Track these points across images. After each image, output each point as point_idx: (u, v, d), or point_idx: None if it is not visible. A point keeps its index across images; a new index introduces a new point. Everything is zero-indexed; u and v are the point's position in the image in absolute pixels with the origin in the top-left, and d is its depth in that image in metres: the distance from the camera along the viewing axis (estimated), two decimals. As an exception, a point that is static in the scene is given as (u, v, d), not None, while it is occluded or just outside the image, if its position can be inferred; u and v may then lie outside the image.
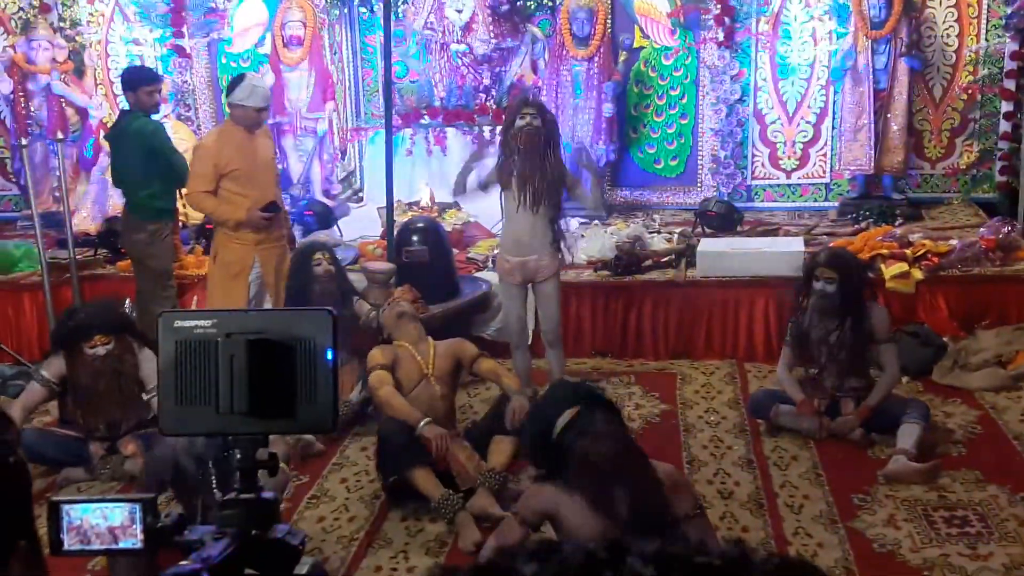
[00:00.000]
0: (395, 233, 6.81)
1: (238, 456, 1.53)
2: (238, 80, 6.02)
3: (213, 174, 5.87)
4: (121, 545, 1.48)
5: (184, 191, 6.18)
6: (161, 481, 3.82)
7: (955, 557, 4.17)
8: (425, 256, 6.58)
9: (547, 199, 5.41)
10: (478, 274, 7.12)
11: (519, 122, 5.39)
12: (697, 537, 3.38)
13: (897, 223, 7.56)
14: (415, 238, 6.68)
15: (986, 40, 8.15)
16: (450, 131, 8.92)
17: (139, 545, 1.48)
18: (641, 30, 8.63)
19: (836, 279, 5.28)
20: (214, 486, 3.34)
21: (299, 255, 6.11)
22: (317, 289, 5.87)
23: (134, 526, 1.48)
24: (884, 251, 6.74)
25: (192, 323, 1.52)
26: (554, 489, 3.41)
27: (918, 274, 6.57)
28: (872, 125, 7.85)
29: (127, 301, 6.46)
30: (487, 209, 7.72)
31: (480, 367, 5.17)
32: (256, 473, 1.54)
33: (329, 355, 1.50)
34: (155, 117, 6.76)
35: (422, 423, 4.71)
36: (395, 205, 7.19)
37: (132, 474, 5.07)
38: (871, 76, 7.83)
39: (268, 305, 6.01)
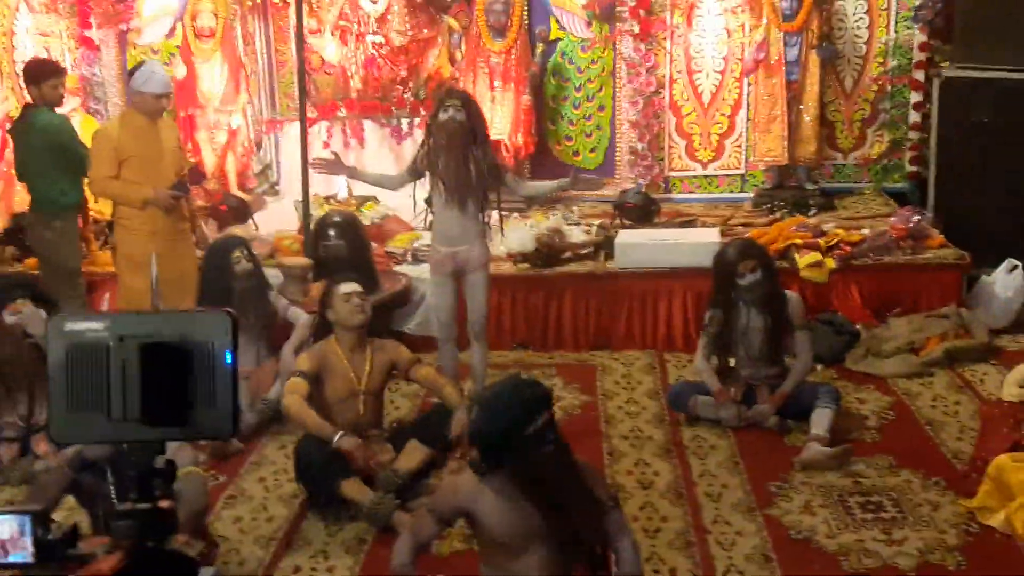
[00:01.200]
0: (312, 227, 6.73)
1: (132, 464, 1.47)
2: (138, 66, 6.09)
3: (114, 158, 5.82)
4: (11, 559, 1.42)
5: (87, 179, 6.04)
6: (65, 486, 3.73)
7: (870, 542, 4.24)
8: (343, 250, 6.50)
9: (472, 193, 5.38)
10: (397, 268, 7.06)
11: (442, 115, 5.32)
12: (611, 531, 3.39)
13: (811, 213, 7.68)
14: (332, 232, 6.60)
15: (895, 31, 8.28)
16: (367, 123, 8.82)
17: (30, 559, 1.42)
18: (557, 21, 8.62)
19: (759, 267, 5.34)
20: (111, 495, 3.26)
21: (217, 252, 5.97)
22: (236, 288, 5.73)
23: (24, 538, 1.41)
24: (798, 241, 6.84)
25: (84, 326, 1.45)
26: (474, 482, 3.36)
27: (831, 263, 6.68)
28: (785, 116, 7.94)
29: None
30: (406, 203, 7.65)
31: (417, 374, 5.08)
32: (152, 482, 1.48)
33: (228, 358, 1.45)
34: (63, 110, 6.58)
35: (337, 437, 4.64)
36: (312, 199, 7.11)
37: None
38: (783, 68, 7.92)
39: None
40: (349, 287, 4.92)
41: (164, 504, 1.47)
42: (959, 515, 4.41)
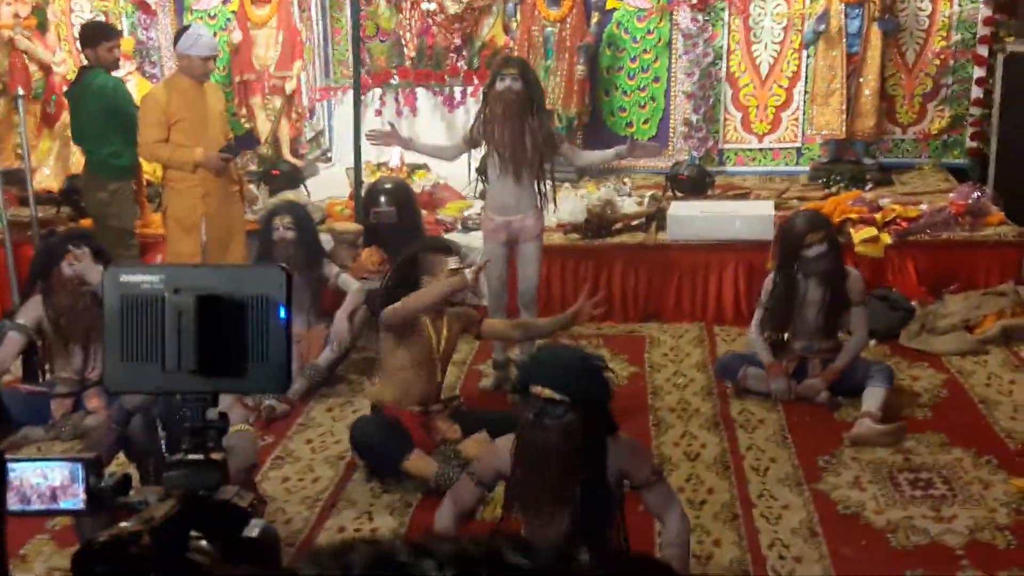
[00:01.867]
0: (363, 194, 6.74)
1: (187, 415, 1.48)
2: (183, 30, 6.12)
3: (163, 122, 5.88)
4: (62, 506, 1.43)
5: (138, 142, 6.11)
6: (115, 440, 3.77)
7: (919, 519, 4.17)
8: (393, 217, 6.49)
9: (527, 163, 5.36)
10: (447, 235, 7.05)
11: (499, 85, 5.30)
12: (656, 503, 3.38)
13: (867, 188, 7.55)
14: (383, 199, 6.60)
15: (959, 5, 8.12)
16: (420, 91, 8.82)
17: (81, 506, 1.43)
18: (614, -9, 8.55)
19: (826, 239, 5.26)
20: (163, 448, 3.29)
21: (262, 220, 6.04)
22: (278, 256, 5.76)
23: (75, 486, 1.42)
24: (854, 215, 6.73)
25: (139, 278, 1.46)
26: (511, 446, 3.38)
27: (887, 239, 6.57)
28: (844, 89, 7.82)
29: None
30: (457, 171, 7.67)
31: (492, 329, 5.04)
32: (205, 433, 1.49)
33: (282, 313, 1.45)
34: (119, 74, 6.63)
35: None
36: (364, 166, 7.12)
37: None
38: (844, 40, 7.79)
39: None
40: (456, 262, 4.86)
41: (216, 456, 1.49)
42: (1010, 494, 4.33)
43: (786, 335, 5.42)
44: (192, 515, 1.40)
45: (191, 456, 1.48)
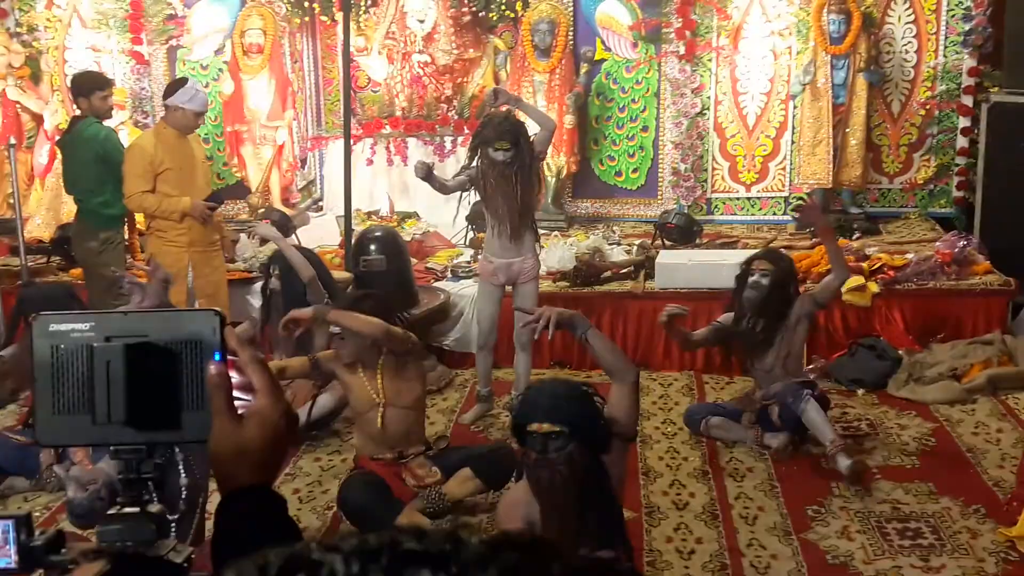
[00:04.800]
0: (353, 242, 6.76)
1: (120, 468, 1.44)
2: (180, 83, 6.21)
3: (150, 172, 5.97)
4: None
5: (124, 193, 6.16)
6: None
7: (908, 569, 4.17)
8: (383, 265, 6.51)
9: (523, 221, 5.59)
10: (437, 284, 7.08)
11: (493, 155, 5.41)
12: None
13: (854, 237, 7.61)
14: (373, 247, 6.62)
15: (944, 56, 8.22)
16: (411, 141, 8.87)
17: (12, 564, 1.40)
18: (603, 42, 8.64)
19: (770, 271, 5.32)
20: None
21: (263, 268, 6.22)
22: (272, 304, 5.88)
23: (7, 546, 1.40)
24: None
25: (69, 326, 1.42)
26: (525, 490, 3.40)
27: (874, 287, 6.61)
28: (831, 140, 7.89)
29: None
30: (447, 219, 7.69)
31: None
32: (140, 486, 1.44)
33: (217, 358, 1.40)
34: (112, 123, 6.68)
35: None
36: (354, 214, 7.15)
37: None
38: (830, 91, 7.88)
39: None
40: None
41: (153, 508, 1.44)
42: (998, 543, 4.32)
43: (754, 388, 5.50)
44: (123, 573, 1.37)
45: (126, 510, 1.43)
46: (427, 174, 5.51)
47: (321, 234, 8.13)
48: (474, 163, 5.54)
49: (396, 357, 4.71)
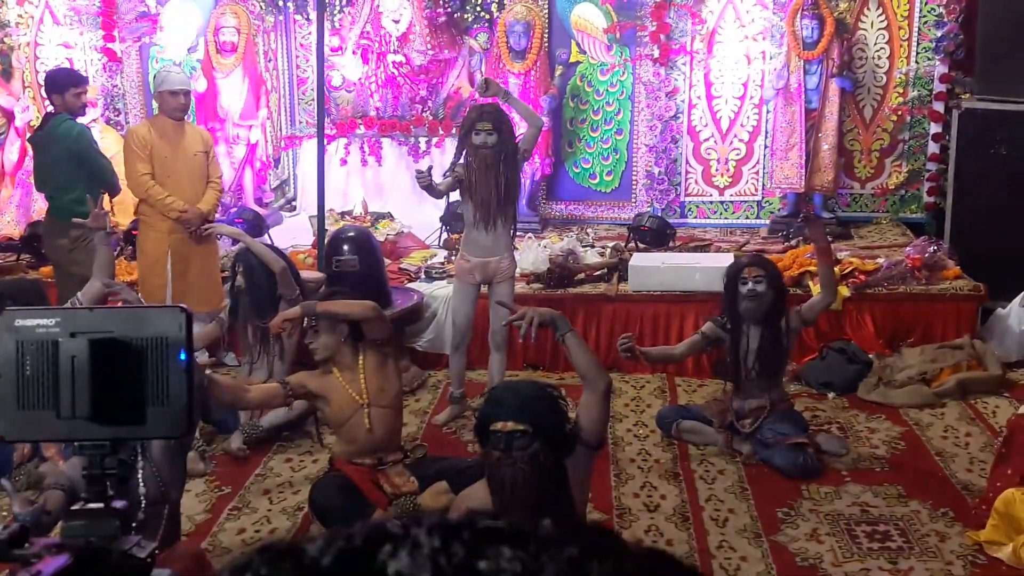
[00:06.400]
0: (326, 242, 6.74)
1: (85, 464, 1.44)
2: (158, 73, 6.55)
3: (147, 156, 6.21)
4: None
5: (127, 180, 6.37)
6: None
7: (876, 572, 4.20)
8: (355, 265, 6.49)
9: (503, 212, 5.55)
10: (410, 284, 7.06)
11: (475, 139, 5.42)
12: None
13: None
14: (346, 247, 6.59)
15: (916, 62, 8.28)
16: (385, 141, 8.86)
17: None
18: (578, 45, 8.66)
19: (764, 277, 5.30)
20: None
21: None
22: (240, 302, 5.83)
23: None
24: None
25: (34, 322, 1.42)
26: (481, 491, 3.39)
27: (845, 291, 6.65)
28: (803, 144, 7.94)
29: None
30: (421, 220, 7.69)
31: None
32: (104, 481, 1.45)
33: (182, 355, 1.42)
34: (84, 120, 6.64)
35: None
36: (328, 214, 7.13)
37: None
38: (803, 96, 7.92)
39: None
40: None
41: (117, 504, 1.44)
42: (966, 547, 4.36)
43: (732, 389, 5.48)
44: (84, 568, 1.37)
45: (90, 505, 1.43)
46: (429, 184, 5.52)
47: (294, 234, 8.11)
48: (460, 160, 5.54)
49: (377, 351, 4.69)
